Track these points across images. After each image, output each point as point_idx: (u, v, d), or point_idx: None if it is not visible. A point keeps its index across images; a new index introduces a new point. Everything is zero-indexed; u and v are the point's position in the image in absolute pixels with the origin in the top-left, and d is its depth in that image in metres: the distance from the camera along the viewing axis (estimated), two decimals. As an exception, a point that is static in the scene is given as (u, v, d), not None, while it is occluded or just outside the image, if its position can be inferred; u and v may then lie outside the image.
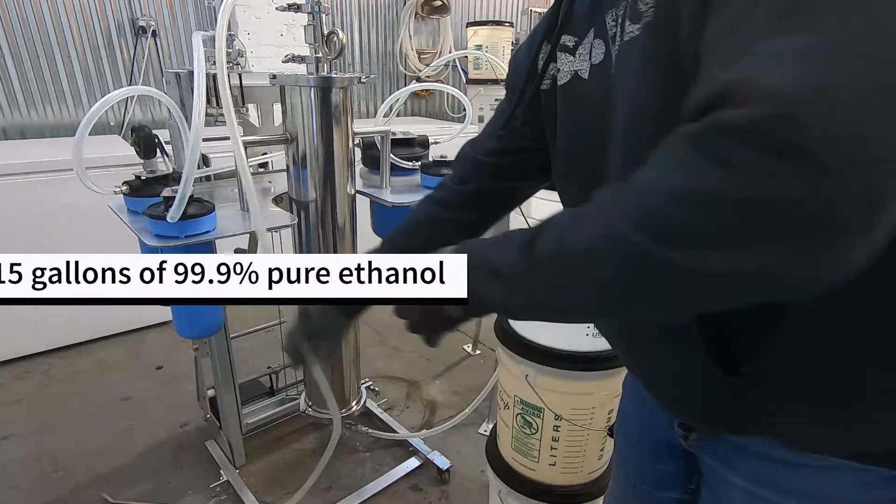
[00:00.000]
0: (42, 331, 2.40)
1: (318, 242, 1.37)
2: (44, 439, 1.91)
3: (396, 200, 1.44)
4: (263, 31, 3.23)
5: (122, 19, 2.85)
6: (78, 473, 1.76)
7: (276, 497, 1.67)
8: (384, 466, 1.80)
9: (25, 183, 2.19)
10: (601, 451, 1.21)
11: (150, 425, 1.98)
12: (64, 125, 2.81)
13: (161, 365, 2.38)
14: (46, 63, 2.70)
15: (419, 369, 2.40)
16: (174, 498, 1.67)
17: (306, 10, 1.20)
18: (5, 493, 1.68)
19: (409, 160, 1.54)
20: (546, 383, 1.11)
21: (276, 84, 1.27)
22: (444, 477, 1.75)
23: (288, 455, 1.86)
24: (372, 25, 3.89)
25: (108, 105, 1.10)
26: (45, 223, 2.25)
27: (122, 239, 1.73)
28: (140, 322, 2.64)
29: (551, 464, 1.19)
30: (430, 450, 1.82)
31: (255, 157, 1.52)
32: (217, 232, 1.14)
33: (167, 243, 1.08)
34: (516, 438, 1.22)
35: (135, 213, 1.23)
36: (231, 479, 1.69)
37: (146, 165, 1.34)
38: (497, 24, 4.02)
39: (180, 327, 1.25)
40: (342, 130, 1.27)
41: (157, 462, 1.81)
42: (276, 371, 1.95)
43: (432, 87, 1.79)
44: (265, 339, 2.37)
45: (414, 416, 2.10)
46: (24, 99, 2.69)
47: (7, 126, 2.68)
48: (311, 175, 1.29)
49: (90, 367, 2.36)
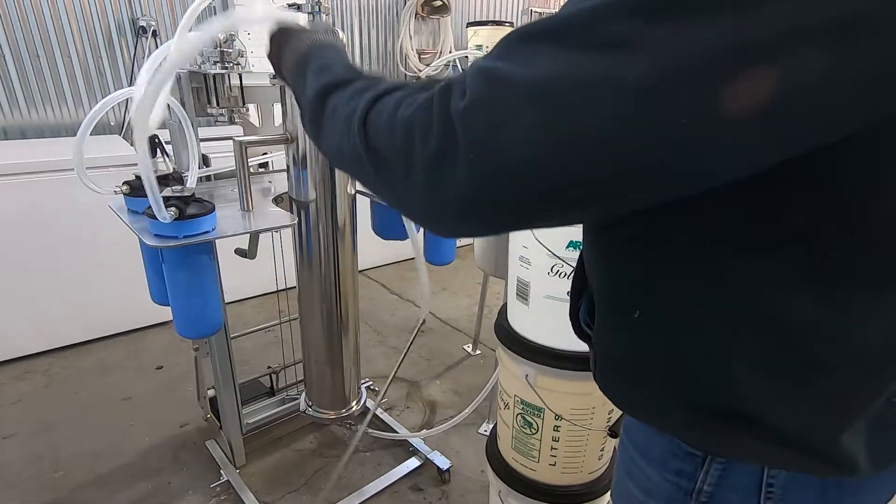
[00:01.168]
0: (42, 331, 2.40)
1: (318, 242, 1.37)
2: (44, 439, 1.91)
3: (396, 200, 1.44)
4: (263, 31, 3.23)
5: (122, 19, 2.85)
6: (78, 473, 1.76)
7: (276, 497, 1.67)
8: (384, 466, 1.80)
9: (25, 183, 2.19)
10: (601, 451, 1.21)
11: (150, 425, 1.98)
12: (64, 125, 2.81)
13: (161, 365, 2.38)
14: (46, 63, 2.70)
15: (419, 369, 2.40)
16: (174, 498, 1.67)
17: (306, 10, 1.20)
18: (5, 493, 1.68)
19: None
20: (546, 383, 1.11)
21: (276, 84, 1.27)
22: (444, 477, 1.75)
23: (288, 455, 1.86)
24: (372, 25, 3.89)
25: (111, 105, 1.10)
26: (45, 223, 2.25)
27: (123, 239, 1.74)
28: (140, 322, 2.64)
29: (551, 464, 1.19)
30: (430, 450, 1.82)
31: (255, 157, 1.52)
32: (217, 232, 1.14)
33: (167, 243, 1.08)
34: (516, 438, 1.22)
35: (135, 212, 1.23)
36: (231, 479, 1.69)
37: (146, 165, 1.34)
38: (497, 24, 4.02)
39: (180, 327, 1.25)
40: (342, 130, 1.27)
41: (157, 462, 1.81)
42: (276, 371, 1.95)
43: (432, 87, 1.77)
44: (265, 339, 2.37)
45: (414, 416, 2.10)
46: (24, 99, 2.69)
47: (7, 126, 2.68)
48: (311, 175, 1.29)
49: (90, 367, 2.36)
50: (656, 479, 0.56)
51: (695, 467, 0.52)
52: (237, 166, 1.21)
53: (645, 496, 0.58)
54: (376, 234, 1.69)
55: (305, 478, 1.75)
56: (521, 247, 1.06)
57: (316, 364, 1.54)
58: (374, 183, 0.46)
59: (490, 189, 0.36)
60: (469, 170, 0.36)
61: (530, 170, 0.34)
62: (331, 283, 1.42)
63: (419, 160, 0.38)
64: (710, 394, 0.47)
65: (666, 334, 0.48)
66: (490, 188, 0.36)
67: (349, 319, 1.49)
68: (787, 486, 0.48)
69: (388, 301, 3.08)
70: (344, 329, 1.49)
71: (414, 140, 0.38)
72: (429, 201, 0.40)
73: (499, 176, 0.35)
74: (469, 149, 0.35)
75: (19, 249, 2.23)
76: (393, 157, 0.41)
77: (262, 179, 1.59)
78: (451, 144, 0.36)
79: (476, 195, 0.37)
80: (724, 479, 0.50)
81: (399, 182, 0.42)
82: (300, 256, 1.41)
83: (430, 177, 0.38)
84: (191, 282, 1.20)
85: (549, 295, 1.04)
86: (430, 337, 2.69)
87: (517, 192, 0.35)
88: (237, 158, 1.21)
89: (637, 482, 0.59)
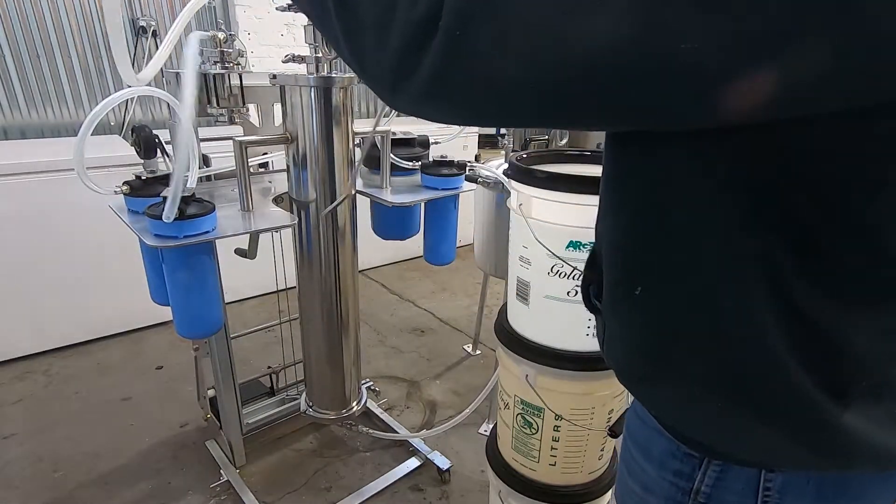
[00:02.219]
0: (42, 331, 2.40)
1: (318, 242, 1.37)
2: (44, 439, 1.91)
3: (397, 200, 1.44)
4: (263, 31, 3.24)
5: (122, 19, 2.85)
6: (78, 473, 1.76)
7: (276, 497, 1.67)
8: (384, 466, 1.80)
9: (25, 183, 2.19)
10: (601, 451, 1.21)
11: (150, 425, 1.98)
12: (64, 125, 2.82)
13: (161, 365, 2.38)
14: (46, 63, 2.70)
15: (419, 369, 2.40)
16: (174, 498, 1.67)
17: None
18: (5, 492, 1.68)
19: (409, 160, 1.54)
20: (546, 383, 1.11)
21: (276, 84, 1.27)
22: (444, 477, 1.75)
23: (288, 455, 1.86)
24: (372, 25, 3.88)
25: (112, 105, 1.10)
26: (45, 223, 2.25)
27: (123, 239, 1.74)
28: (140, 322, 2.64)
29: (551, 464, 1.19)
30: (430, 450, 1.82)
31: (256, 157, 1.52)
32: (217, 232, 1.14)
33: (167, 243, 1.08)
34: (516, 438, 1.22)
35: (135, 213, 1.23)
36: (231, 479, 1.69)
37: (146, 165, 1.34)
38: (497, 24, 4.01)
39: (180, 327, 1.25)
40: (342, 130, 1.27)
41: (157, 462, 1.81)
42: (276, 371, 1.95)
43: (432, 87, 1.76)
44: (265, 339, 2.37)
45: (414, 416, 2.10)
46: (25, 99, 2.69)
47: (7, 126, 2.68)
48: (311, 175, 1.29)
49: (90, 367, 2.36)
50: (655, 478, 0.56)
51: (692, 468, 0.52)
52: (237, 166, 1.21)
53: (644, 493, 0.58)
54: (376, 234, 1.69)
55: (305, 478, 1.75)
56: (521, 247, 1.06)
57: (316, 364, 1.55)
58: (337, 30, 0.43)
59: (468, 73, 0.35)
60: (451, 45, 0.35)
61: (529, 65, 0.33)
62: (331, 283, 1.42)
63: (399, 22, 0.37)
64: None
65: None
66: (469, 72, 0.35)
67: (349, 319, 1.49)
68: (784, 489, 0.48)
69: (388, 301, 3.09)
70: (344, 329, 1.49)
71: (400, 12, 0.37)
72: (396, 65, 0.38)
73: (486, 64, 0.34)
74: (458, 25, 0.34)
75: (19, 249, 2.23)
76: (370, 8, 0.39)
77: (262, 179, 1.59)
78: (437, 17, 0.35)
79: (450, 74, 0.36)
80: (721, 481, 0.50)
81: (369, 37, 0.40)
82: (300, 256, 1.41)
83: (407, 43, 0.37)
84: (191, 282, 1.20)
85: (549, 295, 1.04)
86: (430, 337, 2.69)
87: (502, 83, 0.35)
88: (237, 158, 1.21)
89: (637, 479, 0.59)
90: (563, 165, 1.14)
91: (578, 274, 0.98)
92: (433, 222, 1.63)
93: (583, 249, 0.97)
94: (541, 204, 0.99)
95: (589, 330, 1.06)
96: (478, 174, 1.70)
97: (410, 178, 1.58)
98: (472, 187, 1.62)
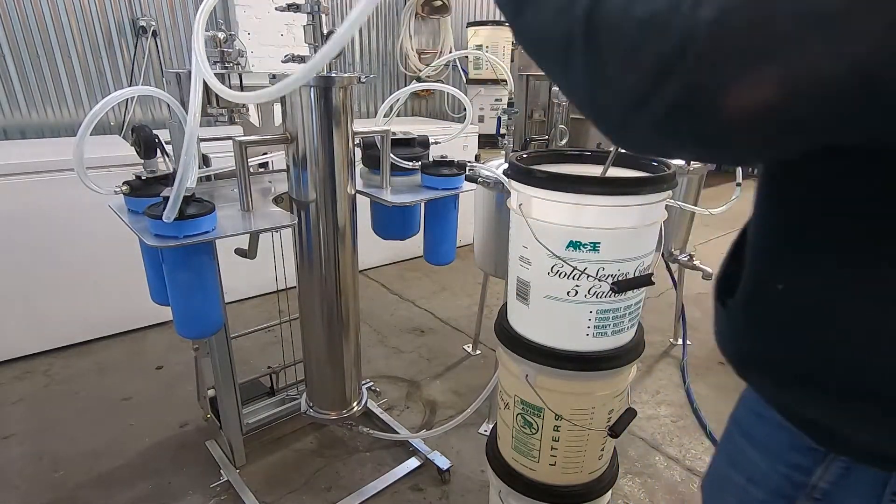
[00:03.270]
0: (42, 331, 2.40)
1: (318, 242, 1.37)
2: (44, 439, 1.91)
3: (396, 200, 1.44)
4: (263, 31, 3.23)
5: (122, 19, 2.85)
6: (78, 473, 1.76)
7: (276, 497, 1.67)
8: (384, 466, 1.80)
9: (25, 183, 2.19)
10: (601, 451, 1.21)
11: (150, 425, 1.98)
12: (64, 125, 2.82)
13: (161, 365, 2.38)
14: (46, 63, 2.70)
15: (419, 369, 2.40)
16: (174, 498, 1.67)
17: (306, 10, 1.20)
18: (5, 492, 1.68)
19: (409, 160, 1.54)
20: (546, 383, 1.11)
21: (275, 84, 1.27)
22: (444, 477, 1.75)
23: (288, 455, 1.86)
24: (372, 25, 3.89)
25: (111, 105, 1.10)
26: (45, 223, 2.25)
27: (122, 239, 1.74)
28: (140, 322, 2.64)
29: (551, 464, 1.19)
30: (431, 450, 1.82)
31: (256, 157, 1.52)
32: (217, 232, 1.14)
33: (167, 243, 1.08)
34: (516, 438, 1.22)
35: (135, 213, 1.23)
36: (231, 479, 1.69)
37: (146, 165, 1.34)
38: (497, 24, 4.02)
39: (180, 327, 1.25)
40: (342, 130, 1.27)
41: (157, 462, 1.81)
42: (276, 371, 1.95)
43: (432, 87, 1.79)
44: (265, 339, 2.38)
45: (414, 416, 2.10)
46: (25, 99, 2.69)
47: (7, 126, 2.68)
48: (311, 175, 1.29)
49: (90, 367, 2.36)
50: (765, 470, 0.55)
51: (813, 462, 0.50)
52: (237, 166, 1.21)
53: (748, 483, 0.57)
54: (376, 233, 1.70)
55: (305, 478, 1.75)
56: (521, 247, 1.06)
57: (316, 364, 1.55)
58: (570, 73, 0.41)
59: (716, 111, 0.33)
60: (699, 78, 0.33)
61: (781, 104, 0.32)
62: (331, 283, 1.42)
63: (647, 58, 0.35)
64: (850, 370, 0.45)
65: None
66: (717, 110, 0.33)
67: (349, 319, 1.49)
68: None
69: (388, 301, 3.09)
70: (344, 329, 1.49)
71: (650, 37, 0.35)
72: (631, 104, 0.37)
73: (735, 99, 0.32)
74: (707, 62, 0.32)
75: (19, 249, 2.23)
76: (614, 49, 0.37)
77: (262, 179, 1.59)
78: (685, 52, 0.33)
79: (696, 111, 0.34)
80: (845, 479, 0.49)
81: (607, 77, 0.38)
82: (300, 256, 1.41)
83: (655, 78, 0.35)
84: (191, 282, 1.20)
85: (549, 295, 1.04)
86: (430, 337, 2.69)
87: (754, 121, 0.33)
88: (237, 158, 1.21)
89: (741, 470, 0.58)
90: (562, 165, 1.14)
91: (578, 274, 0.98)
92: (433, 222, 1.64)
93: (583, 249, 0.97)
94: (541, 204, 0.99)
95: (589, 330, 1.06)
96: (478, 174, 1.70)
97: (410, 178, 1.58)
98: (472, 187, 1.62)
